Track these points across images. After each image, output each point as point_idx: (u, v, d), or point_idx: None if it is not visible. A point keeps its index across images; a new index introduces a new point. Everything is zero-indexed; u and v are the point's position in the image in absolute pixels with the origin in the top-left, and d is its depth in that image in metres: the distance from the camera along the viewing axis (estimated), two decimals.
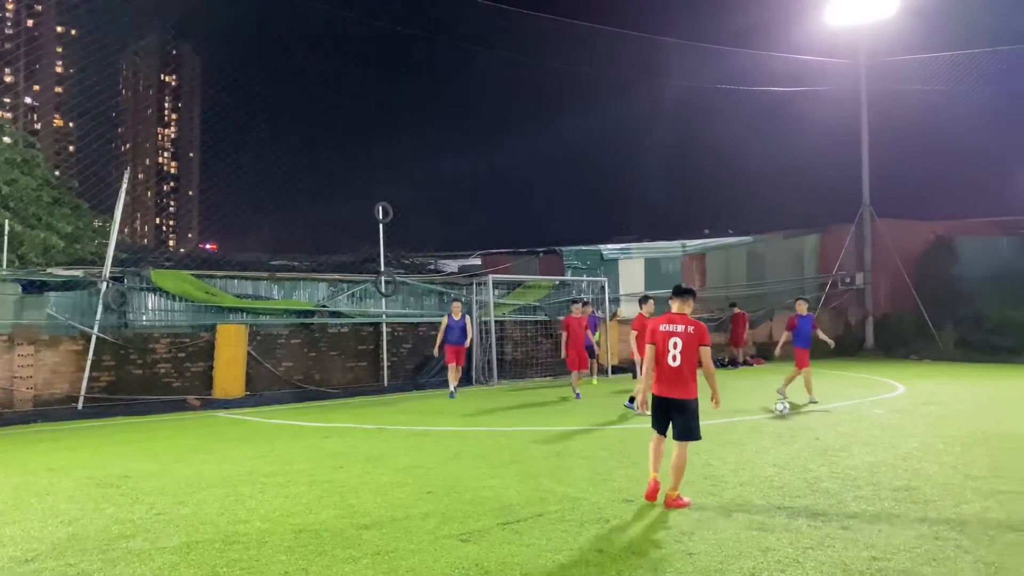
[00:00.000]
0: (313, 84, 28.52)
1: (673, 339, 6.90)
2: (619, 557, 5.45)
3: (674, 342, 6.89)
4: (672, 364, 6.86)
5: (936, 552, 5.51)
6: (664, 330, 6.97)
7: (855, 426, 11.26)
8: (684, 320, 7.02)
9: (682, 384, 6.84)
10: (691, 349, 6.85)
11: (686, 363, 6.85)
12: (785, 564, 5.27)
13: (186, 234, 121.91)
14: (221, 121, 23.02)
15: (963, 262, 27.05)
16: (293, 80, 28.57)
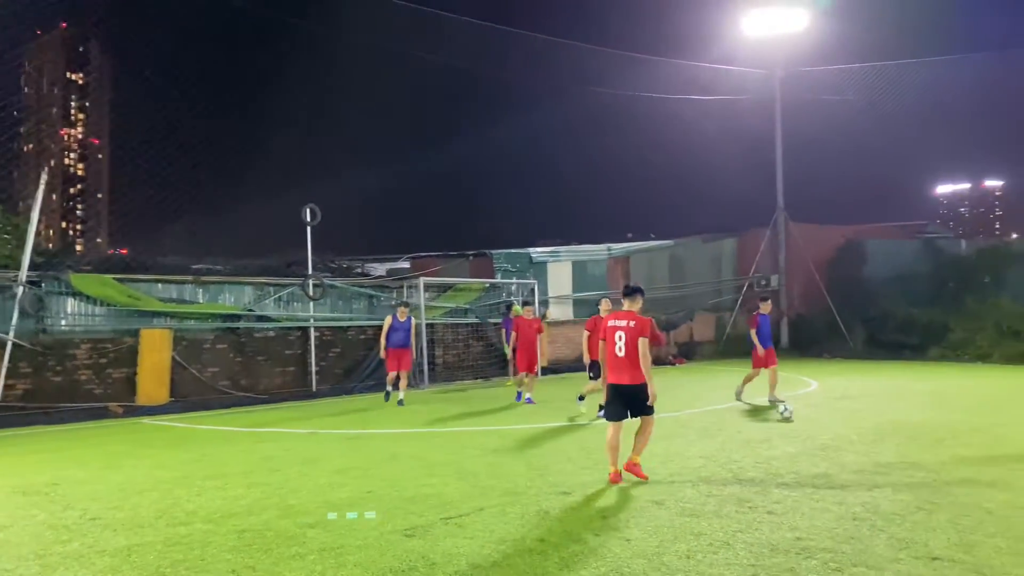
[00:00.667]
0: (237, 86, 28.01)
1: (618, 332, 7.69)
2: (560, 545, 5.66)
3: (619, 335, 7.68)
4: (618, 354, 7.65)
5: (854, 531, 5.91)
6: (611, 325, 7.79)
7: (774, 420, 11.80)
8: (629, 316, 7.74)
9: (629, 371, 7.61)
10: (634, 341, 7.58)
11: (630, 353, 7.59)
12: (717, 546, 5.57)
13: (94, 238, 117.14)
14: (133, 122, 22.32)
15: (871, 264, 28.45)
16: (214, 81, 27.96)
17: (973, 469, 8.13)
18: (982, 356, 23.97)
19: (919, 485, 7.42)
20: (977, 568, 5.06)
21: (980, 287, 26.13)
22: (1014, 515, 6.32)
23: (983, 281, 25.95)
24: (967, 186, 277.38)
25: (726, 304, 28.04)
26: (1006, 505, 6.64)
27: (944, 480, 7.62)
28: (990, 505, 6.64)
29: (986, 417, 11.79)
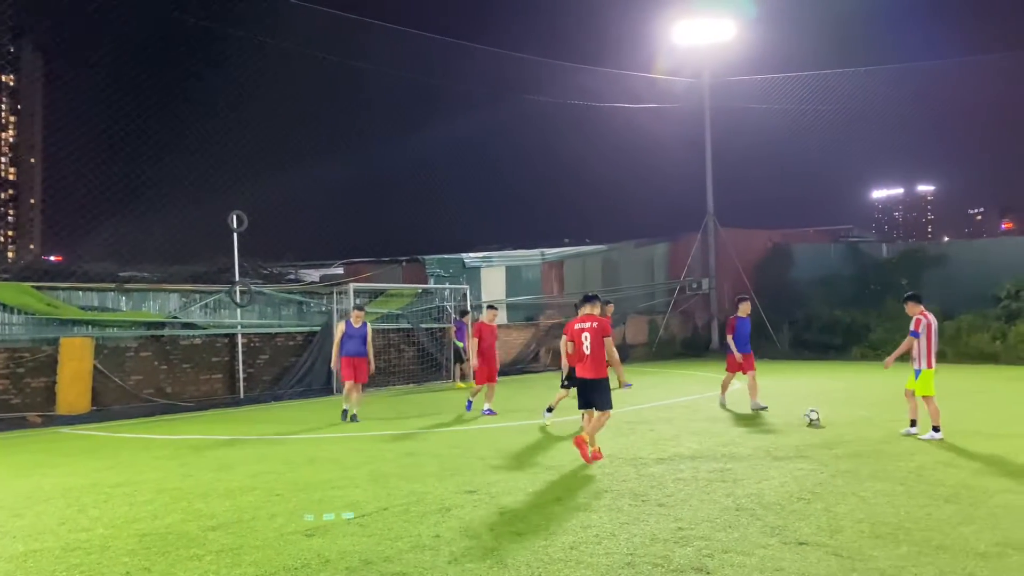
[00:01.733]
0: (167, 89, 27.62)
1: (584, 334, 8.81)
2: (454, 540, 5.88)
3: (585, 335, 8.79)
4: (585, 352, 8.77)
5: (733, 520, 6.26)
6: (577, 328, 8.92)
7: (689, 419, 12.24)
8: (591, 319, 8.86)
9: (593, 367, 8.75)
10: (597, 340, 8.68)
11: (594, 351, 8.69)
12: (602, 537, 5.86)
13: (28, 244, 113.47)
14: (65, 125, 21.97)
15: (797, 267, 29.39)
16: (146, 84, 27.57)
17: (858, 461, 8.62)
18: (902, 355, 24.94)
19: (805, 476, 7.85)
20: (837, 551, 5.44)
21: (899, 289, 27.15)
22: (883, 502, 6.77)
23: (901, 283, 26.97)
24: (901, 191, 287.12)
25: (659, 307, 28.65)
26: (879, 493, 7.09)
27: (831, 471, 8.07)
28: (865, 494, 7.08)
29: (885, 413, 12.41)
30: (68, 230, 25.26)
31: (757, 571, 5.06)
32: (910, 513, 6.40)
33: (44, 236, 75.98)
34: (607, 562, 5.29)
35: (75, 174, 23.61)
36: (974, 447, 9.38)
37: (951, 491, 7.13)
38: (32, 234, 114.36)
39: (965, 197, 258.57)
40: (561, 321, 23.42)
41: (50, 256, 30.79)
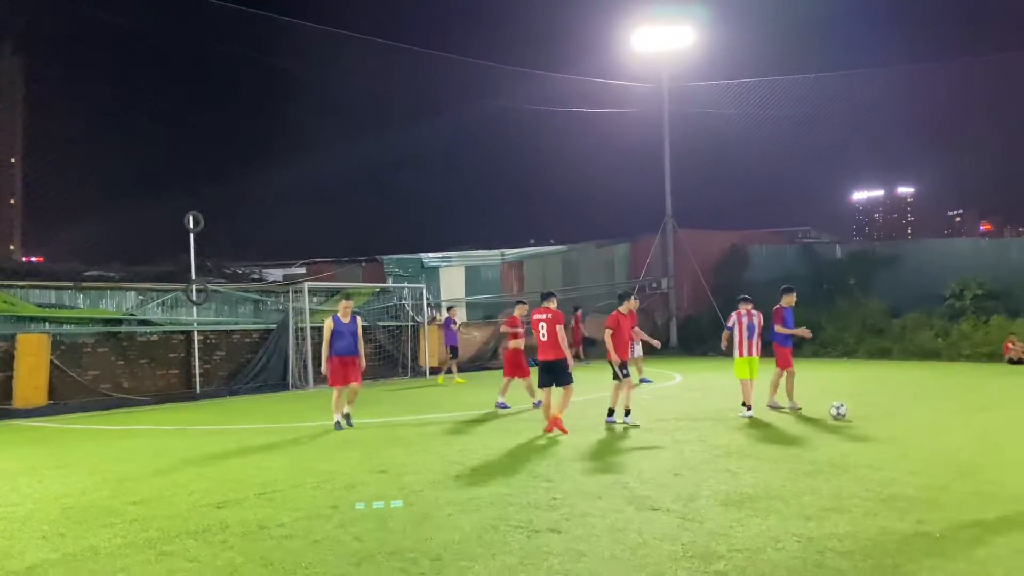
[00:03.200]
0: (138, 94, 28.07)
1: (541, 324, 10.58)
2: (348, 510, 6.51)
3: (542, 325, 10.57)
4: (543, 339, 10.54)
5: (604, 492, 6.93)
6: (536, 318, 10.66)
7: None
8: (547, 311, 10.62)
9: (551, 350, 10.48)
10: (552, 328, 10.46)
11: (551, 338, 10.48)
12: (481, 506, 6.52)
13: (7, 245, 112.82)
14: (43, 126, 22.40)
15: (753, 268, 30.14)
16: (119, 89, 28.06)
17: (751, 442, 9.33)
18: (848, 352, 25.83)
19: (694, 455, 8.55)
20: (683, 515, 6.11)
21: (851, 288, 28.04)
22: (749, 476, 7.47)
23: (853, 283, 27.84)
24: (881, 193, 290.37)
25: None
26: (750, 469, 7.79)
27: (721, 451, 8.76)
28: (738, 470, 7.77)
29: (814, 403, 13.15)
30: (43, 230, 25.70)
31: (603, 530, 5.72)
32: (767, 485, 7.09)
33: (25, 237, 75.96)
34: (475, 525, 5.94)
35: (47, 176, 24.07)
36: (865, 431, 10.09)
37: (815, 467, 7.83)
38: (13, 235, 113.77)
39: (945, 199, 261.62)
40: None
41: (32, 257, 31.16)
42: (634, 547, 5.33)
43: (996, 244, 30.07)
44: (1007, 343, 22.19)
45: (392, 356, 20.06)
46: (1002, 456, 8.43)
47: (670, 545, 5.35)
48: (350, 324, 11.65)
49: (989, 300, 25.27)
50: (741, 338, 12.31)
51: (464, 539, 5.59)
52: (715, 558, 5.05)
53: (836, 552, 5.13)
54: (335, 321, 11.61)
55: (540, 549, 5.32)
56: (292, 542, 5.64)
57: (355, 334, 11.64)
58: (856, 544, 5.29)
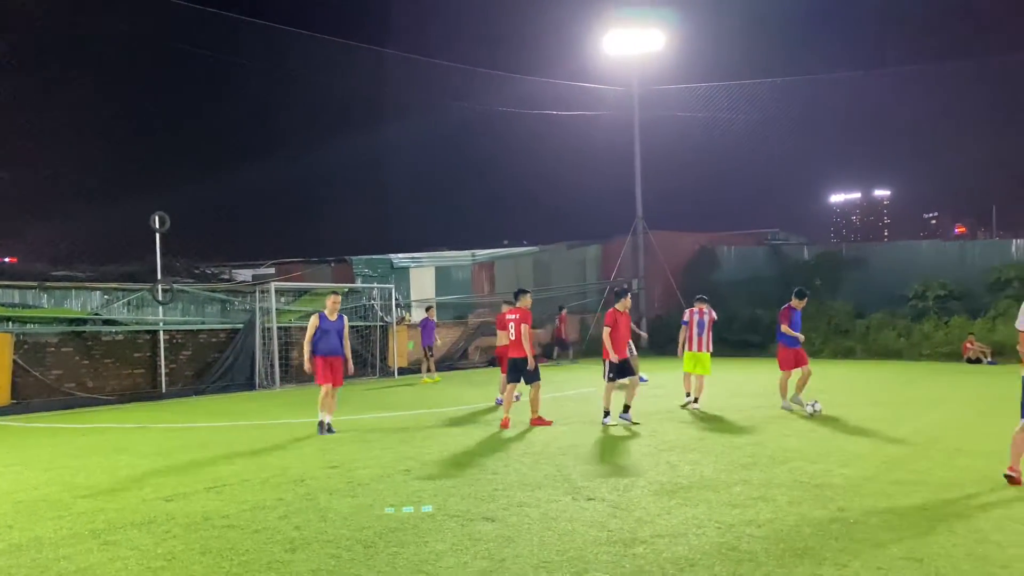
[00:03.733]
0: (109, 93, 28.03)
1: (511, 323, 11.04)
2: (294, 502, 6.69)
3: (512, 324, 11.01)
4: (511, 337, 11.02)
5: (545, 483, 7.15)
6: (508, 317, 11.22)
7: (572, 408, 13.15)
8: (518, 311, 11.07)
9: (518, 349, 10.91)
10: (519, 327, 10.91)
11: (518, 336, 10.92)
12: (423, 498, 6.71)
13: None
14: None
15: (722, 269, 30.57)
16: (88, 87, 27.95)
17: (697, 438, 9.59)
18: (814, 352, 26.12)
19: (639, 450, 8.80)
20: (615, 504, 6.33)
21: (815, 289, 28.48)
22: (688, 468, 7.71)
23: (819, 284, 28.27)
24: (858, 195, 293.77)
25: (590, 306, 29.60)
26: (691, 462, 8.03)
27: (666, 446, 9.01)
28: (679, 463, 8.02)
29: (749, 400, 13.46)
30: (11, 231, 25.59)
31: (536, 519, 5.94)
32: (702, 476, 7.35)
33: None
34: (414, 515, 6.13)
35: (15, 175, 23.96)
36: (810, 427, 10.39)
37: (753, 460, 8.11)
38: None
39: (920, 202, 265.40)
40: (489, 320, 24.29)
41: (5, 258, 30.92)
42: (562, 533, 5.54)
43: (958, 246, 30.62)
44: (966, 343, 22.69)
45: (361, 356, 20.15)
46: (934, 448, 8.73)
47: (597, 531, 5.57)
48: (337, 322, 10.84)
49: (951, 301, 25.82)
50: (691, 334, 12.99)
51: (400, 528, 5.78)
52: (637, 543, 5.28)
53: (752, 537, 5.38)
54: (321, 318, 10.77)
55: (471, 536, 5.52)
56: (233, 532, 5.80)
57: (341, 333, 10.86)
58: (773, 530, 5.55)
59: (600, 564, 4.87)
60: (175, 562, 5.12)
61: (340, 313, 11.02)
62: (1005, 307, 24.41)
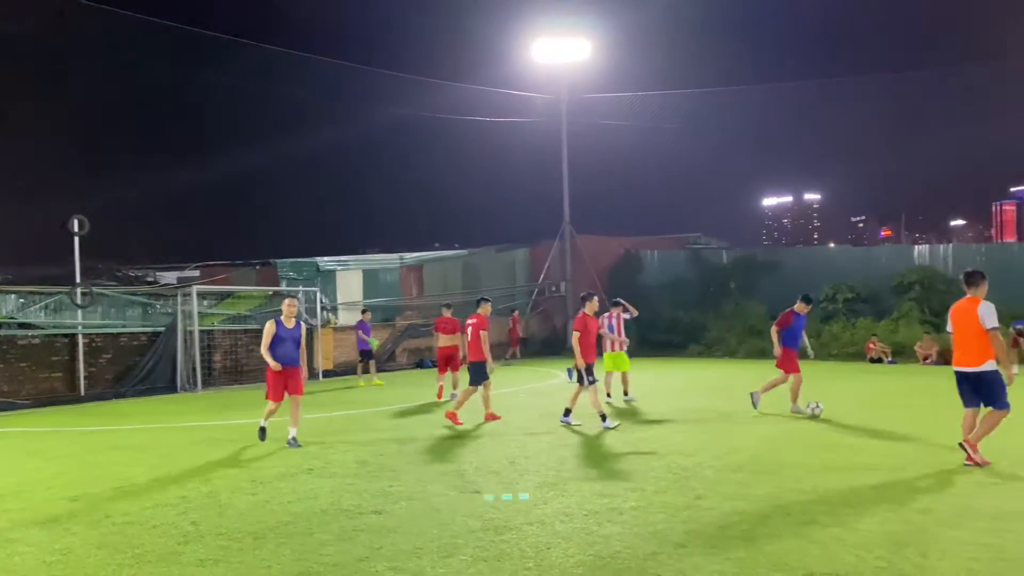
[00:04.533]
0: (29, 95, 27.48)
1: (469, 327, 11.79)
2: (195, 499, 7.03)
3: (469, 329, 11.77)
4: (469, 340, 11.74)
5: (440, 479, 7.63)
6: (468, 322, 11.93)
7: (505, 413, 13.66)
8: (476, 317, 11.81)
9: (475, 352, 11.66)
10: (476, 332, 11.64)
11: (474, 339, 11.63)
12: (320, 495, 7.13)
13: None
14: None
15: (646, 272, 31.57)
16: None
17: (596, 436, 10.19)
18: (730, 352, 27.37)
19: (538, 445, 9.35)
20: (501, 497, 6.86)
21: (735, 292, 29.66)
22: (583, 460, 8.28)
23: (734, 287, 29.45)
24: (790, 199, 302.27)
25: (519, 308, 30.23)
26: (579, 457, 8.62)
27: (568, 443, 9.58)
28: (568, 455, 8.59)
29: (659, 399, 14.19)
30: None
31: (422, 512, 6.42)
32: (587, 470, 7.94)
33: None
34: (307, 510, 6.55)
35: None
36: (700, 423, 11.11)
37: (636, 454, 8.73)
38: None
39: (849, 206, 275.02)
40: (422, 321, 24.66)
41: None
42: (442, 523, 6.04)
43: (866, 251, 32.29)
44: (869, 343, 24.00)
45: None
46: (805, 439, 9.51)
47: (475, 521, 6.08)
48: (294, 330, 10.05)
49: (859, 303, 27.21)
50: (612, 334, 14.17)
51: (292, 522, 6.19)
52: (507, 530, 5.80)
53: (611, 522, 5.96)
54: (277, 325, 9.96)
55: (356, 527, 5.97)
56: (132, 528, 6.13)
57: (298, 341, 10.08)
58: (633, 515, 6.14)
59: (467, 549, 5.38)
60: (71, 556, 5.44)
61: (298, 320, 10.24)
62: (907, 309, 25.91)
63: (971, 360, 7.73)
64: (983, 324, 7.60)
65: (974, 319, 7.67)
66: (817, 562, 4.97)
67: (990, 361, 7.62)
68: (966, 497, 6.64)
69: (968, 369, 7.77)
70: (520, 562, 5.09)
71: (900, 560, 4.98)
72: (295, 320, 10.16)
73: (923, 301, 25.91)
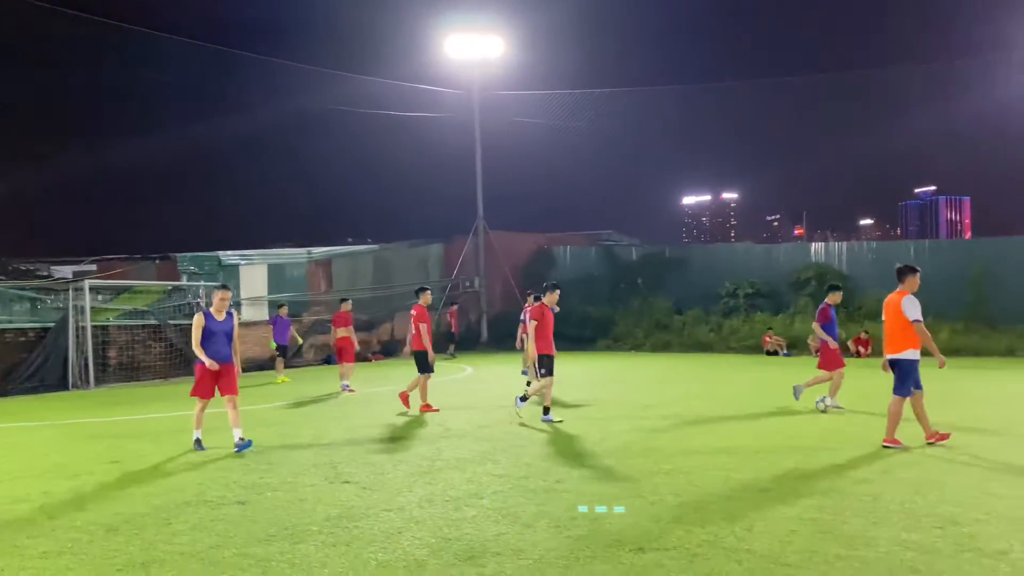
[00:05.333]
0: None
1: (411, 319, 12.25)
2: (58, 495, 6.94)
3: (411, 320, 12.24)
4: (412, 332, 12.18)
5: (313, 470, 7.72)
6: (410, 313, 12.41)
7: (382, 404, 13.76)
8: (417, 308, 12.24)
9: (417, 342, 12.12)
10: (416, 323, 12.09)
11: (418, 331, 12.05)
12: (206, 486, 7.13)
13: None
14: None
15: (559, 268, 32.02)
16: None
17: (479, 427, 10.42)
18: (637, 345, 28.10)
19: (412, 436, 9.51)
20: (367, 485, 6.99)
21: (643, 287, 30.40)
22: (463, 451, 8.48)
23: (640, 282, 30.20)
24: (708, 198, 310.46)
25: (433, 304, 30.28)
26: (455, 447, 8.81)
27: (438, 435, 9.77)
28: (445, 447, 8.78)
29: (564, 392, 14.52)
30: None
31: (286, 501, 6.51)
32: (459, 458, 8.14)
33: None
34: (169, 502, 6.56)
35: None
36: (580, 413, 11.46)
37: (509, 443, 9.00)
38: None
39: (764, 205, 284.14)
40: (324, 318, 24.45)
41: None
42: (301, 512, 6.14)
43: (766, 249, 33.49)
44: (765, 337, 25.00)
45: (185, 355, 19.92)
46: (677, 428, 9.96)
47: (333, 509, 6.21)
48: (225, 323, 9.19)
49: (759, 298, 28.24)
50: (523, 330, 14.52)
51: (151, 513, 6.20)
52: (365, 517, 5.95)
53: (469, 507, 6.18)
54: (206, 318, 9.13)
55: (215, 518, 6.03)
56: None
57: (230, 335, 9.22)
58: (493, 500, 6.38)
59: (320, 535, 5.50)
60: None
61: (230, 312, 9.34)
62: (803, 304, 27.04)
63: (893, 348, 8.41)
64: (906, 316, 8.24)
65: (898, 311, 8.33)
66: (650, 539, 5.28)
67: (909, 350, 8.29)
68: (805, 479, 7.11)
69: (890, 356, 8.44)
70: (367, 546, 5.25)
71: (726, 535, 5.35)
72: (227, 312, 9.27)
73: (818, 296, 27.08)
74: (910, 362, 8.30)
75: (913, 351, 8.28)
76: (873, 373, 10.36)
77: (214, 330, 9.11)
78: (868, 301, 25.79)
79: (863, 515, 5.76)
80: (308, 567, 4.85)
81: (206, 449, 9.00)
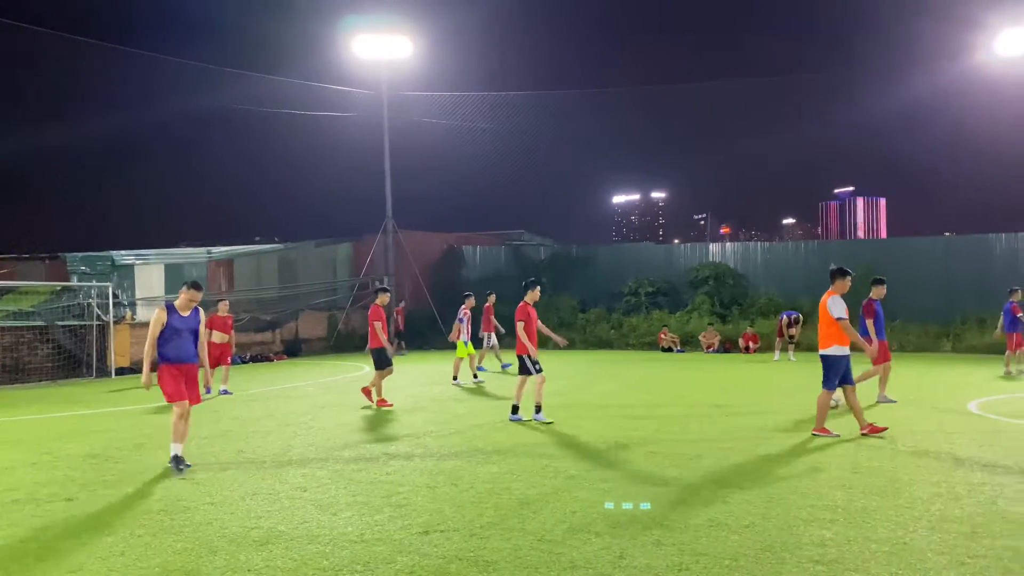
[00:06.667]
0: None
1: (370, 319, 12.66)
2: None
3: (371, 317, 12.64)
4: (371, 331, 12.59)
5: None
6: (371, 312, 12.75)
7: (276, 402, 13.90)
8: (373, 308, 12.70)
9: (373, 339, 12.54)
10: (371, 321, 12.59)
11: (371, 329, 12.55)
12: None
13: None
14: None
15: (469, 267, 32.45)
16: None
17: (371, 419, 10.71)
18: (540, 343, 28.47)
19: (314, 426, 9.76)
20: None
21: (550, 286, 31.01)
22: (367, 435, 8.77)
23: (546, 281, 30.80)
24: (637, 197, 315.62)
25: (341, 303, 30.31)
26: (348, 433, 9.10)
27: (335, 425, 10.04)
28: (339, 434, 9.05)
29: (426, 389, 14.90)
30: None
31: (113, 498, 6.70)
32: (357, 440, 8.43)
33: None
34: (118, 506, 6.68)
35: None
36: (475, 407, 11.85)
37: (410, 432, 9.34)
38: None
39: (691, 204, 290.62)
40: None
41: None
42: (127, 507, 6.37)
43: (668, 249, 34.63)
44: (660, 333, 25.88)
45: (75, 356, 19.61)
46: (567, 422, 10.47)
47: (158, 503, 6.45)
48: (190, 319, 8.17)
49: (659, 297, 29.18)
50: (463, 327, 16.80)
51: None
52: (186, 511, 6.21)
53: (291, 498, 6.51)
54: (169, 312, 8.10)
55: (37, 514, 6.21)
56: None
57: (196, 333, 8.23)
58: (316, 492, 6.70)
59: (131, 528, 5.74)
60: None
61: (196, 307, 8.31)
62: (700, 302, 28.09)
63: (822, 344, 9.11)
64: (831, 314, 8.96)
65: (825, 310, 9.05)
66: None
67: (834, 346, 8.94)
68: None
69: (819, 352, 9.13)
70: (171, 536, 5.52)
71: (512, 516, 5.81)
72: (194, 306, 8.25)
73: (714, 294, 28.17)
74: (836, 358, 9.00)
75: (839, 347, 8.98)
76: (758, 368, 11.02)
77: (177, 327, 8.01)
78: (759, 299, 27.04)
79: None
80: None
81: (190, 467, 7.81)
